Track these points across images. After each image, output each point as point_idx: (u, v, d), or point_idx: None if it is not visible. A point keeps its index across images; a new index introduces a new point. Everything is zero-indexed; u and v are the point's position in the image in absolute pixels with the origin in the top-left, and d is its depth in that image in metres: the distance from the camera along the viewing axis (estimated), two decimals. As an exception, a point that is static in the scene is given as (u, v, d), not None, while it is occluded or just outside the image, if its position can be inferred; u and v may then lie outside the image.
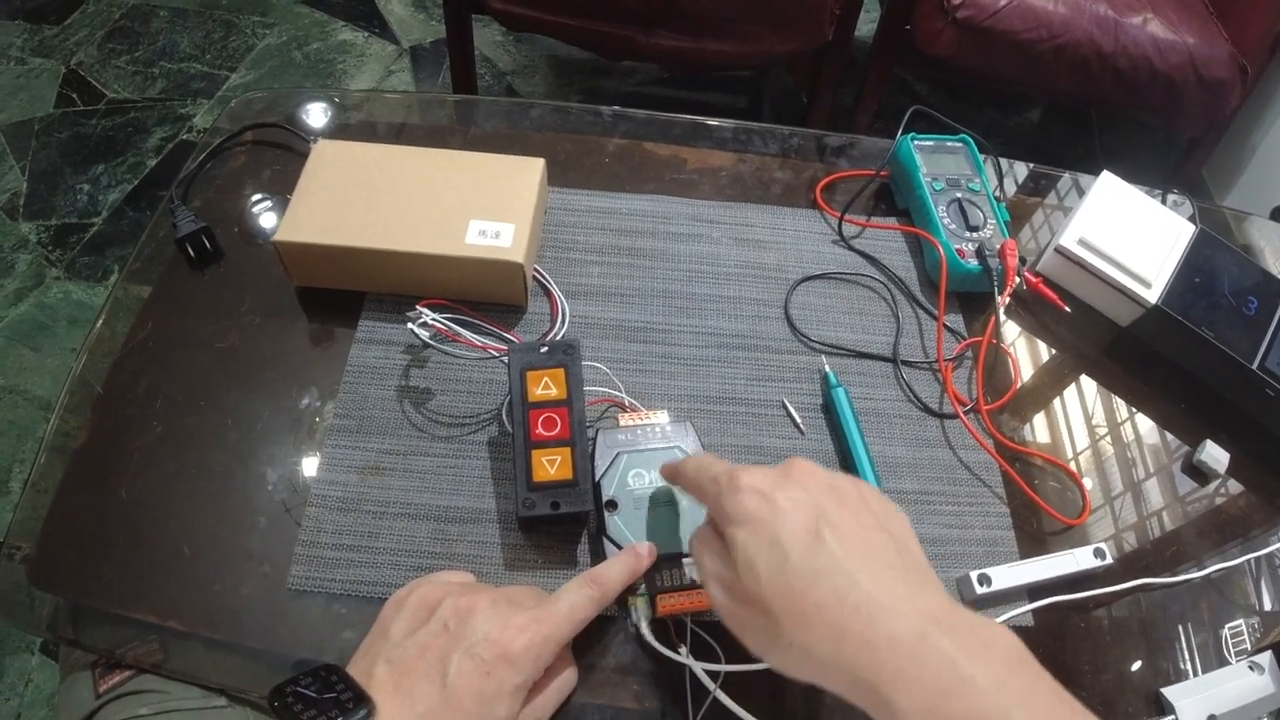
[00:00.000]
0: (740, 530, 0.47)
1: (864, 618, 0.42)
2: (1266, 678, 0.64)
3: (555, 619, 0.52)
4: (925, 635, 0.41)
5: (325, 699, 0.47)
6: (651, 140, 0.91)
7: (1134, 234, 0.82)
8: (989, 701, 0.40)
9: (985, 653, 0.42)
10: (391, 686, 0.48)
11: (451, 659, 0.49)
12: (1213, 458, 0.76)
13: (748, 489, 0.48)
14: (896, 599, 0.43)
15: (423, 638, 0.50)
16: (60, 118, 2.19)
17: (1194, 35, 1.83)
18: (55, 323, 1.84)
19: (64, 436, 0.68)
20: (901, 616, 0.42)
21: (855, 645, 0.42)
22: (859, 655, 0.42)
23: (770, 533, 0.46)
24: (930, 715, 0.41)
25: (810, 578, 0.44)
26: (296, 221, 0.71)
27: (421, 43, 2.48)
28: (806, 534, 0.45)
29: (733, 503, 0.48)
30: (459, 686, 0.48)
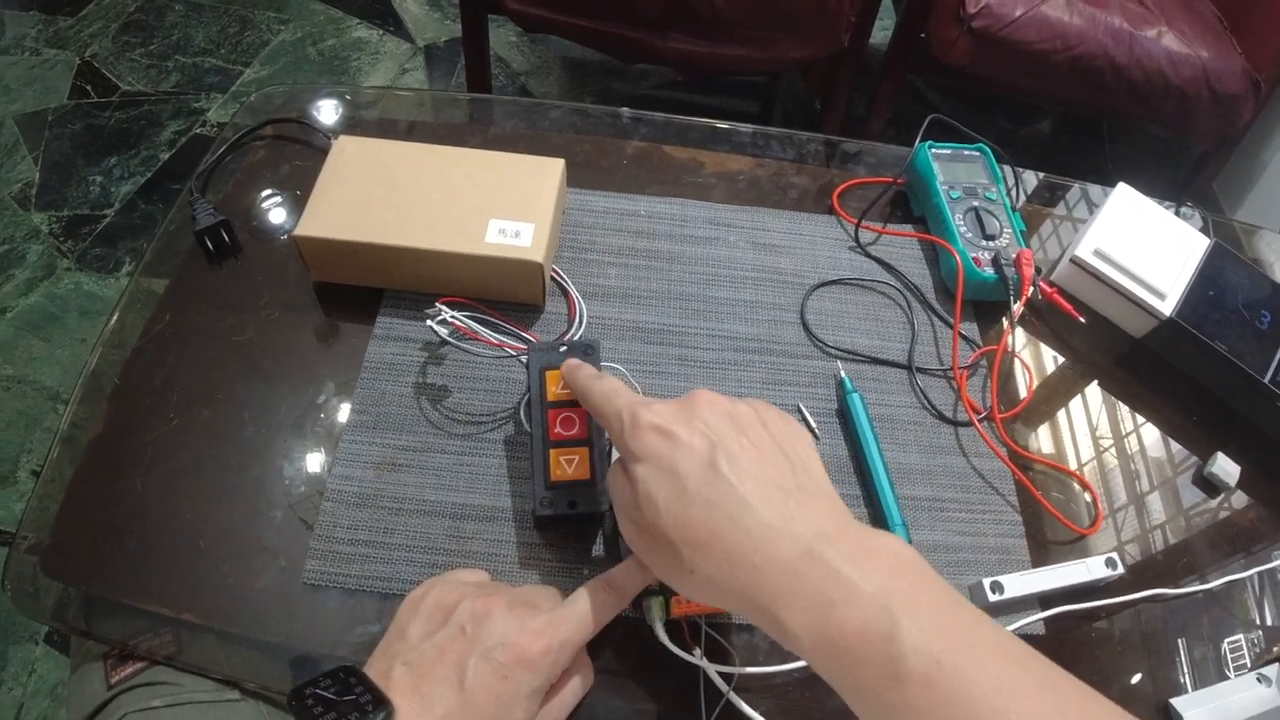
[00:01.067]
0: (640, 466, 0.49)
1: (754, 541, 0.44)
2: (1275, 690, 0.64)
3: (572, 623, 0.52)
4: (811, 551, 0.43)
5: (344, 701, 0.47)
6: (669, 143, 0.91)
7: (1149, 246, 0.82)
8: (871, 605, 0.41)
9: (869, 559, 0.43)
10: (409, 689, 0.49)
11: (469, 662, 0.49)
12: (1224, 470, 0.76)
13: (647, 426, 0.49)
14: (785, 519, 0.45)
15: (440, 640, 0.50)
16: (74, 109, 2.20)
17: (1208, 49, 1.84)
18: (66, 313, 1.85)
19: (76, 428, 0.68)
20: (788, 536, 0.44)
21: (746, 569, 0.44)
22: (750, 578, 0.44)
23: (669, 466, 0.47)
24: (817, 628, 0.42)
25: (706, 507, 0.46)
26: (316, 216, 0.71)
27: (436, 42, 2.48)
28: (702, 465, 0.47)
29: (635, 440, 0.49)
30: (476, 690, 0.48)
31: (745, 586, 0.44)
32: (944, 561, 0.68)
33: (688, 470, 0.47)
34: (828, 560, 0.43)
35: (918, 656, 0.40)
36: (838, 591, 0.42)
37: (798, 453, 0.50)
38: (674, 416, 0.50)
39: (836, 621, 0.42)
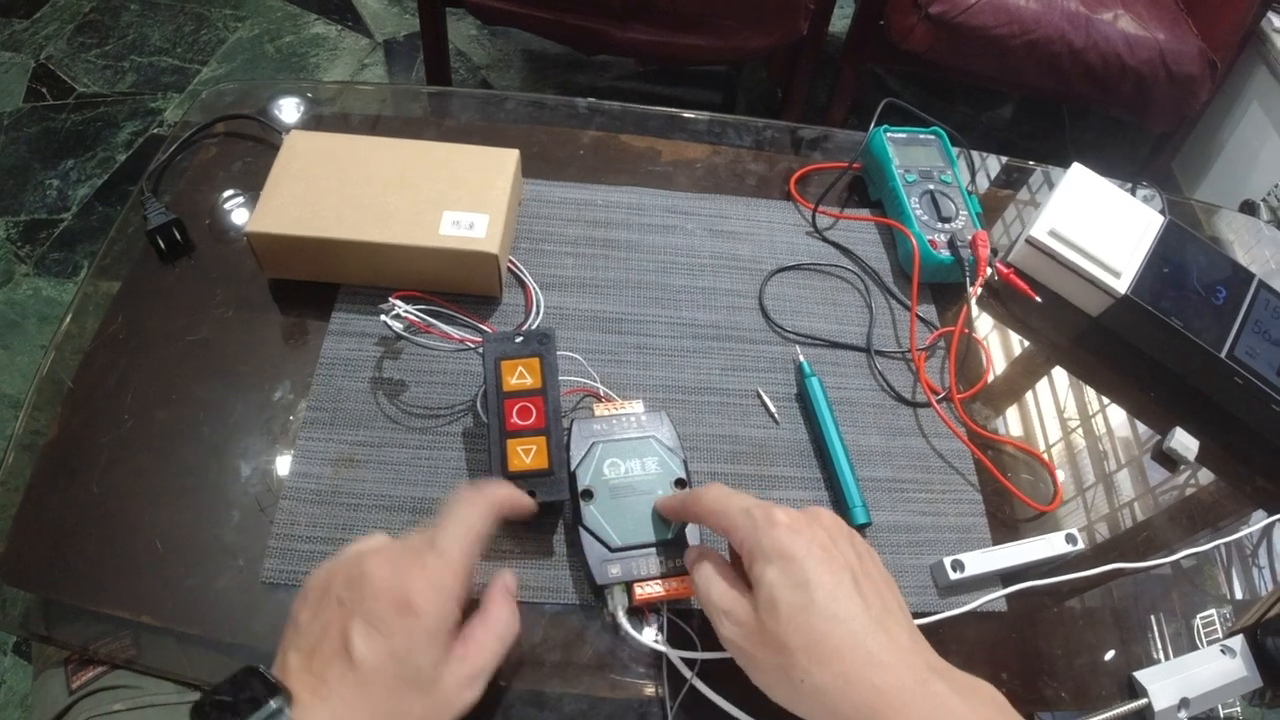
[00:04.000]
0: (771, 567, 0.49)
1: (876, 665, 0.45)
2: (1238, 661, 0.65)
3: (447, 546, 0.51)
4: (925, 681, 0.45)
5: (242, 701, 0.45)
6: (627, 133, 0.91)
7: (1104, 225, 0.83)
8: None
9: (974, 694, 0.46)
10: (304, 673, 0.47)
11: (352, 630, 0.47)
12: (1182, 445, 0.77)
13: (784, 525, 0.50)
14: (903, 650, 0.46)
15: (324, 618, 0.49)
16: (29, 112, 2.16)
17: (1164, 31, 1.85)
18: (25, 320, 1.82)
19: (33, 434, 0.67)
20: (907, 666, 0.45)
21: (866, 688, 0.44)
22: (868, 697, 0.44)
23: (801, 572, 0.48)
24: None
25: (832, 621, 0.46)
26: (268, 212, 0.70)
27: (395, 36, 2.47)
28: (833, 579, 0.47)
29: (770, 538, 0.49)
30: (367, 658, 0.47)
31: (861, 705, 0.45)
32: (905, 541, 0.68)
33: (819, 580, 0.47)
34: (939, 692, 0.44)
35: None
36: (948, 718, 0.44)
37: (896, 593, 0.51)
38: (807, 522, 0.50)
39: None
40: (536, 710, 0.58)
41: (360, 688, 0.46)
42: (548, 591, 0.62)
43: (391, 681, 0.47)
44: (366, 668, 0.47)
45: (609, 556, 0.60)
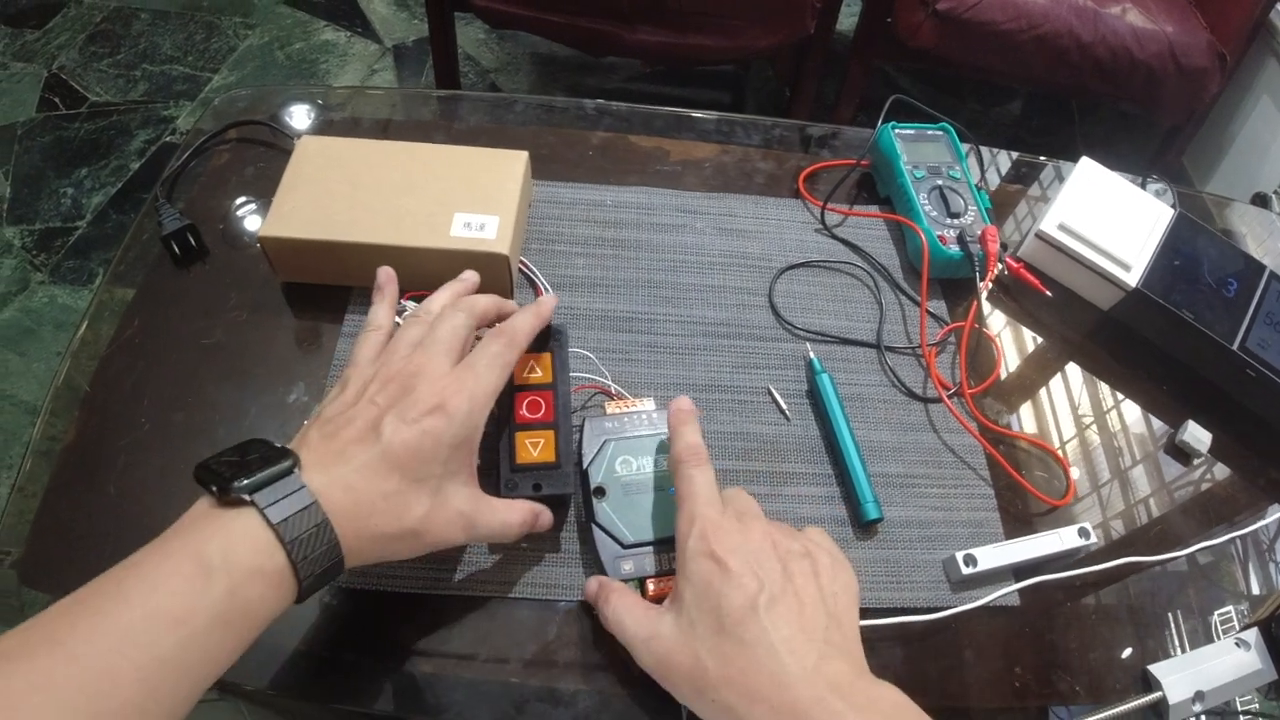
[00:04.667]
0: (690, 590, 0.52)
1: (775, 685, 0.48)
2: (1253, 654, 0.65)
3: (484, 371, 0.56)
4: (822, 699, 0.47)
5: (249, 459, 0.48)
6: (635, 133, 0.91)
7: (1114, 218, 0.83)
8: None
9: (871, 708, 0.48)
10: (326, 446, 0.51)
11: (384, 421, 0.51)
12: (1195, 438, 0.76)
13: (707, 554, 0.52)
14: (806, 669, 0.48)
15: (357, 411, 0.53)
16: (43, 122, 2.18)
17: (1173, 24, 1.85)
18: (41, 327, 1.84)
19: (50, 440, 0.68)
20: (807, 684, 0.48)
21: (764, 708, 0.48)
22: (765, 716, 0.47)
23: (714, 601, 0.51)
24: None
25: (738, 645, 0.49)
26: (281, 217, 0.71)
27: (404, 41, 2.48)
28: (745, 606, 0.50)
29: (694, 563, 0.52)
30: (393, 441, 0.50)
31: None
32: (917, 536, 0.68)
33: (729, 608, 0.50)
34: (836, 709, 0.47)
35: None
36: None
37: (837, 607, 0.53)
38: (733, 548, 0.52)
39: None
40: (551, 706, 0.59)
41: (378, 464, 0.50)
42: (560, 589, 0.63)
43: (406, 469, 0.51)
44: (390, 448, 0.50)
45: (622, 553, 0.60)
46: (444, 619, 0.61)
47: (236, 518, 0.46)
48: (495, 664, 0.60)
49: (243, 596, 0.44)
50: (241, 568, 0.44)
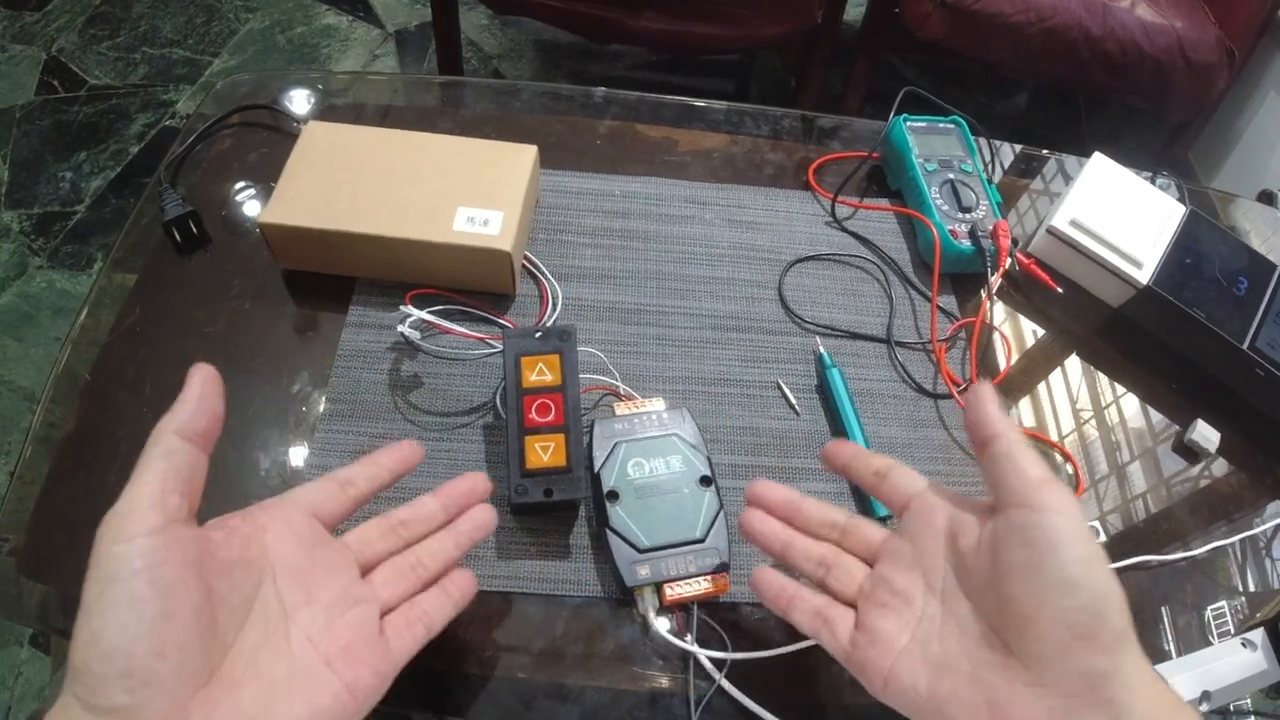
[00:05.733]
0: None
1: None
2: (1259, 655, 0.64)
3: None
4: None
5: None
6: (643, 122, 0.90)
7: (1125, 215, 0.82)
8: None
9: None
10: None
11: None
12: (1204, 437, 0.76)
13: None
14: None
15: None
16: (41, 105, 2.16)
17: (1182, 19, 1.84)
18: (39, 312, 1.83)
19: (50, 427, 0.67)
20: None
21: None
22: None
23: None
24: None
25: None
26: (283, 203, 0.70)
27: (406, 26, 2.46)
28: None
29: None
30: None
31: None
32: (927, 535, 0.68)
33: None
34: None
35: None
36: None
37: None
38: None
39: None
40: (559, 702, 0.58)
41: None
42: (570, 584, 0.62)
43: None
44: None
45: (638, 558, 0.60)
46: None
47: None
48: (503, 660, 0.59)
49: None
50: None
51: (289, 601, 0.44)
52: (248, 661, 0.41)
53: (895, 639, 0.46)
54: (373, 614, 0.47)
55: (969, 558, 0.46)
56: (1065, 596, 0.40)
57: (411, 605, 0.49)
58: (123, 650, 0.36)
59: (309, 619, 0.44)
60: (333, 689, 0.43)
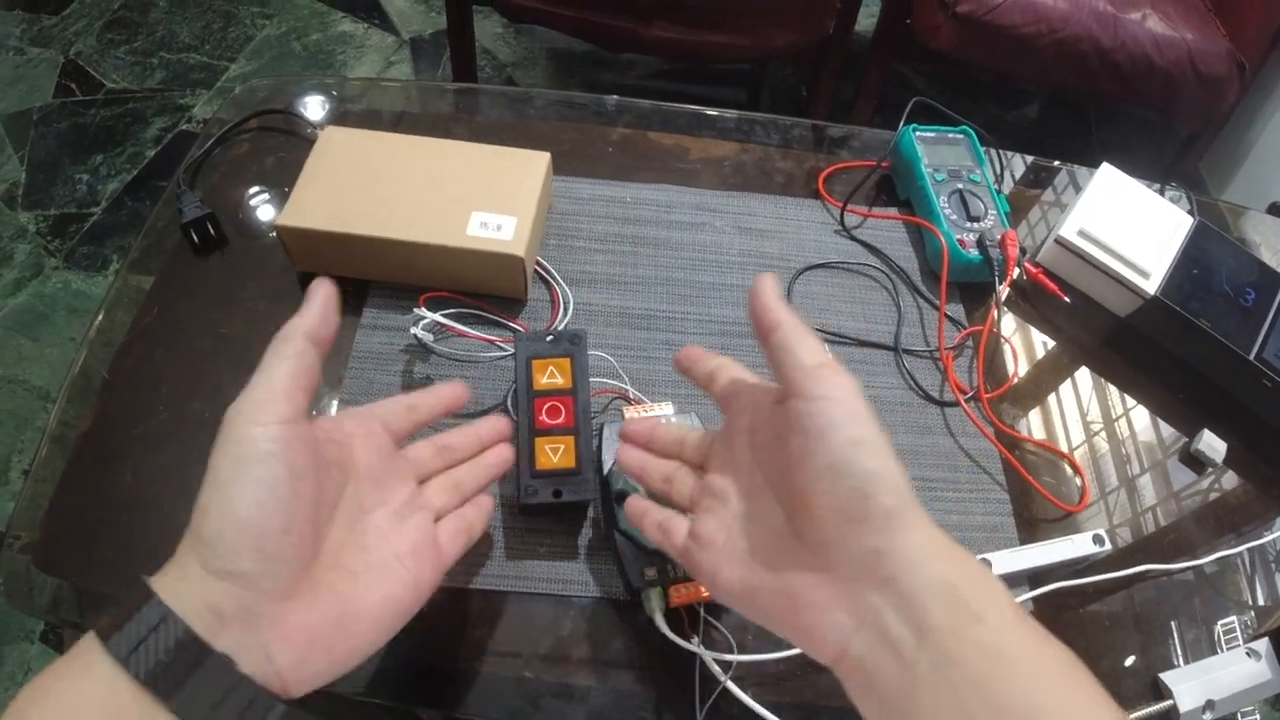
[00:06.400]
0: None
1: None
2: (1264, 664, 0.65)
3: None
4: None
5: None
6: (655, 130, 0.91)
7: (1133, 226, 0.83)
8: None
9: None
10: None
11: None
12: (1210, 447, 0.76)
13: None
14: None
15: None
16: (59, 108, 2.19)
17: (1192, 31, 1.84)
18: (54, 312, 1.84)
19: (65, 426, 0.68)
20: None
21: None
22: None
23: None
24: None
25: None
26: (300, 207, 0.71)
27: (421, 34, 2.48)
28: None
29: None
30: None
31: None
32: (933, 541, 0.68)
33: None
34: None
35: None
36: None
37: None
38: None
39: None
40: (565, 702, 0.59)
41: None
42: (578, 585, 0.63)
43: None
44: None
45: (645, 560, 0.60)
46: (459, 614, 0.62)
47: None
48: (510, 659, 0.60)
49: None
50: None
51: (366, 502, 0.48)
52: (335, 551, 0.45)
53: (715, 538, 0.47)
54: (430, 519, 0.51)
55: (766, 451, 0.47)
56: (834, 480, 0.40)
57: (458, 515, 0.54)
58: (257, 523, 0.40)
59: (382, 519, 0.48)
60: (404, 580, 0.47)
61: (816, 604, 0.41)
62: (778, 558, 0.44)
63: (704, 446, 0.52)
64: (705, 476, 0.51)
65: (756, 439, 0.48)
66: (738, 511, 0.47)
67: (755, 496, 0.47)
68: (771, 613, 0.44)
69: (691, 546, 0.48)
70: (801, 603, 0.42)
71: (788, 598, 0.42)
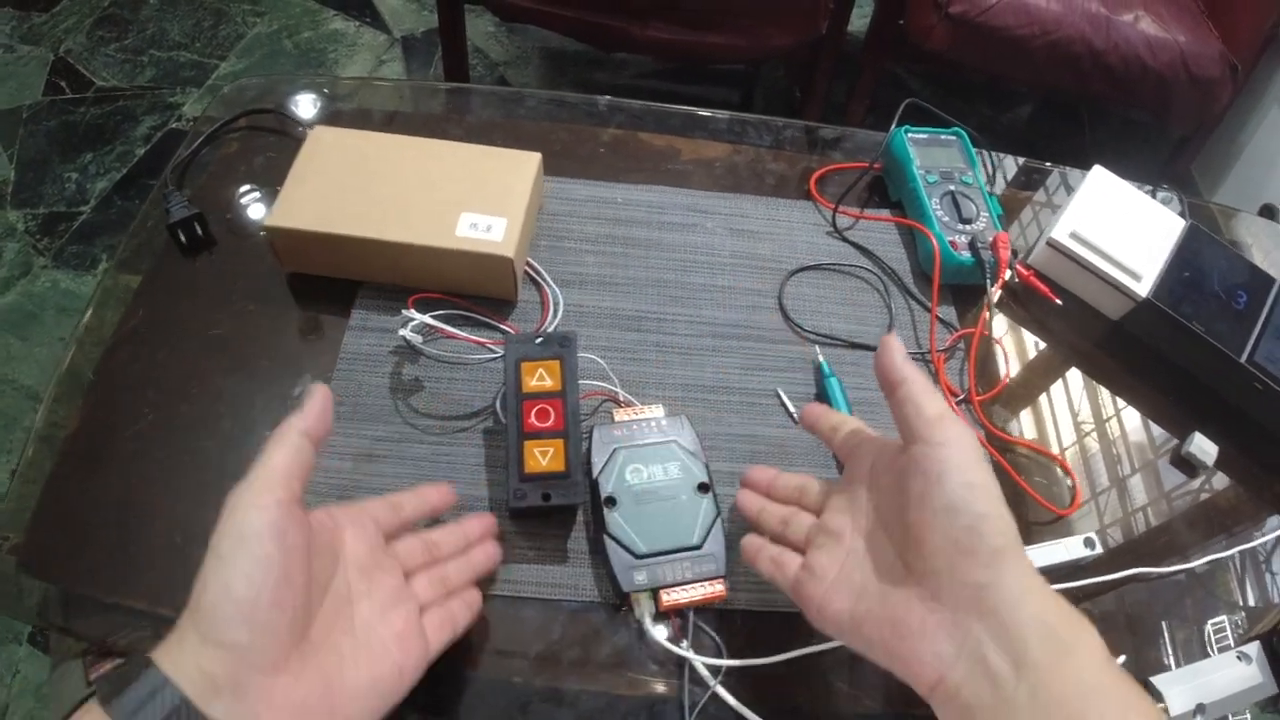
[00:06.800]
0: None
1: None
2: (1254, 668, 0.65)
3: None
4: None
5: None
6: (646, 131, 0.91)
7: (1125, 228, 0.83)
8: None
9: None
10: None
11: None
12: (1201, 450, 0.76)
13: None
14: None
15: None
16: (48, 106, 2.17)
17: (1185, 33, 1.84)
18: (43, 311, 1.83)
19: (53, 427, 0.67)
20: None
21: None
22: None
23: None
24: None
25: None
26: (288, 207, 0.70)
27: (413, 33, 2.47)
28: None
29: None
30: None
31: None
32: (924, 544, 0.68)
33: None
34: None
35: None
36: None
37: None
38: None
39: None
40: (554, 706, 0.58)
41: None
42: (567, 589, 0.63)
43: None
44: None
45: (635, 563, 0.60)
46: (446, 616, 0.61)
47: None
48: (498, 663, 0.60)
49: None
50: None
51: (354, 590, 0.50)
52: (325, 631, 0.47)
53: (826, 572, 0.52)
54: (415, 610, 0.53)
55: (886, 494, 0.51)
56: (949, 518, 0.45)
57: (442, 608, 0.55)
58: (249, 597, 0.42)
59: (368, 607, 0.50)
60: (389, 664, 0.49)
61: (921, 631, 0.45)
62: (887, 589, 0.49)
63: (823, 494, 0.57)
64: (822, 516, 0.55)
65: (876, 483, 0.53)
66: (851, 548, 0.52)
67: (869, 535, 0.52)
68: (875, 640, 0.48)
69: (804, 578, 0.53)
70: (906, 630, 0.46)
71: (893, 625, 0.47)
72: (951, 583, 0.45)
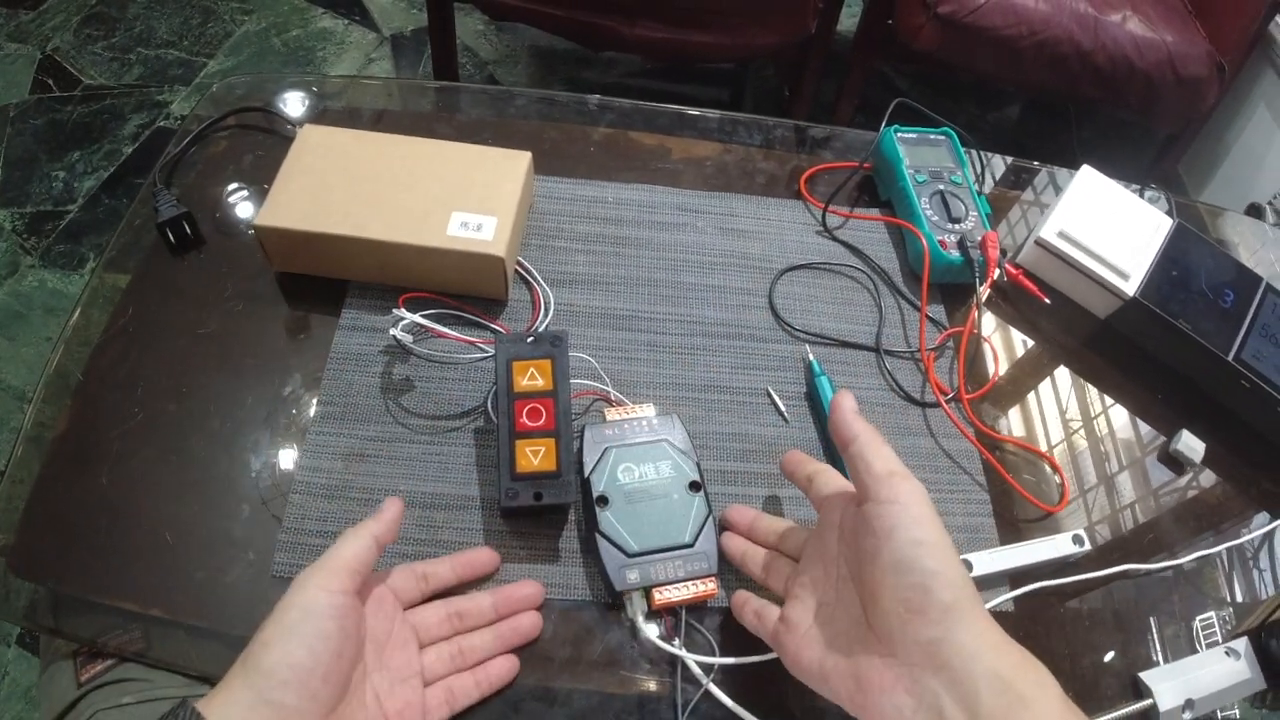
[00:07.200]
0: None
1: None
2: (1243, 663, 0.65)
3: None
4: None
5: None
6: (637, 130, 0.91)
7: (1113, 227, 0.83)
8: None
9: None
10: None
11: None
12: (1189, 447, 0.77)
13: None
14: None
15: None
16: (36, 104, 2.16)
17: (1172, 33, 1.85)
18: (30, 311, 1.82)
19: (41, 427, 0.67)
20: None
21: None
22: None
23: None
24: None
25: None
26: (277, 206, 0.70)
27: (402, 31, 2.46)
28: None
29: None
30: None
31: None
32: (914, 542, 0.68)
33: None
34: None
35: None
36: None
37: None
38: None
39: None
40: (546, 706, 0.58)
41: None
42: (559, 588, 0.63)
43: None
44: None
45: (627, 562, 0.60)
46: (438, 616, 0.61)
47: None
48: (489, 662, 0.60)
49: None
50: None
51: (370, 664, 0.53)
52: (347, 702, 0.51)
53: (800, 624, 0.53)
54: (419, 688, 0.55)
55: (851, 548, 0.53)
56: (898, 575, 0.47)
57: (446, 686, 0.57)
58: (308, 667, 0.47)
59: (379, 680, 0.53)
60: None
61: (881, 686, 0.47)
62: (851, 645, 0.50)
63: (801, 541, 0.59)
64: (799, 565, 0.57)
65: (844, 536, 0.54)
66: (822, 601, 0.54)
67: (838, 588, 0.53)
68: (841, 693, 0.49)
69: (781, 630, 0.54)
70: (868, 684, 0.47)
71: (856, 679, 0.48)
72: (904, 640, 0.46)
